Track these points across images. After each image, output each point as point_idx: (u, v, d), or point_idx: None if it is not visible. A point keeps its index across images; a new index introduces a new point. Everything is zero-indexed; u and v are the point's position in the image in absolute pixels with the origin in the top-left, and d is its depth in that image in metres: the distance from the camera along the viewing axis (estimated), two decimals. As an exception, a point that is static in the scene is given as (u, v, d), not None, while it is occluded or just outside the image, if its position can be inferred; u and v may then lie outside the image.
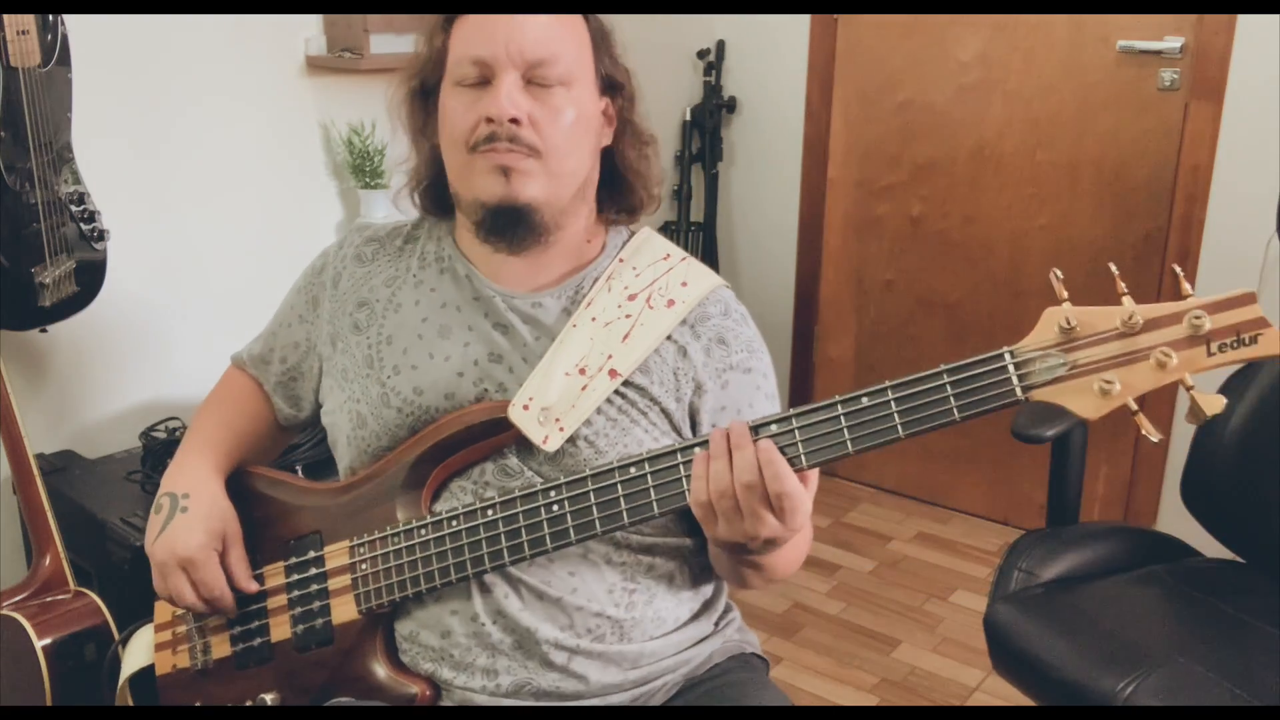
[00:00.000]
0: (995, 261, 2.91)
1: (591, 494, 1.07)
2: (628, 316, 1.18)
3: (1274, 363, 1.79)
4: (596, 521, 1.07)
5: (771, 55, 3.16)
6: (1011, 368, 0.94)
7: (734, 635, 1.29)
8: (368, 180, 2.52)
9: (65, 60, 1.80)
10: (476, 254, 1.22)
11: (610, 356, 1.15)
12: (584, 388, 1.14)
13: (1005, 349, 0.95)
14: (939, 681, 2.37)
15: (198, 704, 1.22)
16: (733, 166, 3.31)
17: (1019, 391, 0.94)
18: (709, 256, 3.25)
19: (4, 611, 1.68)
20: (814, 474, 1.02)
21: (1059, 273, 0.97)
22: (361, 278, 1.27)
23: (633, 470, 1.05)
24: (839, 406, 1.00)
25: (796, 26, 3.08)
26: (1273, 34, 2.39)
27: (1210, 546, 1.86)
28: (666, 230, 3.21)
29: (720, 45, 3.21)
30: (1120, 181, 2.68)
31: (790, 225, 3.24)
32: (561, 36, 1.14)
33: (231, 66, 2.32)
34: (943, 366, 0.98)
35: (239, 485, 1.27)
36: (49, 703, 1.64)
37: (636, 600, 1.18)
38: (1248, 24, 2.42)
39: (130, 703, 1.29)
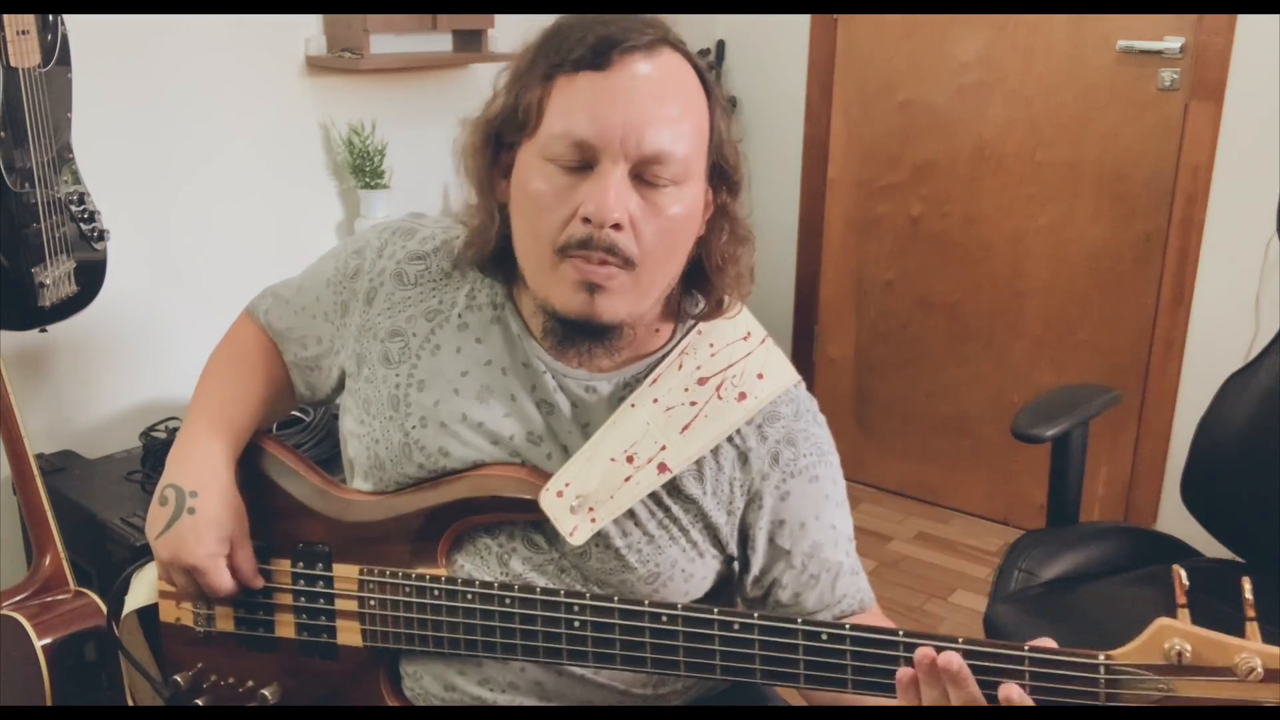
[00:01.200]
0: (995, 261, 2.90)
1: (617, 627, 0.99)
2: (693, 404, 1.06)
3: (1274, 362, 1.79)
4: (618, 658, 0.99)
5: (771, 55, 3.16)
6: (1104, 681, 0.86)
7: None
8: (368, 180, 2.52)
9: (65, 60, 1.80)
10: (534, 316, 1.07)
11: (664, 448, 1.04)
12: (628, 478, 1.03)
13: (1102, 656, 0.86)
14: None
15: (199, 664, 1.18)
16: (733, 166, 3.31)
17: (1102, 698, 0.86)
18: (709, 256, 3.24)
19: (4, 611, 1.68)
20: None
21: (1184, 575, 0.86)
22: (400, 302, 1.13)
23: (664, 620, 0.97)
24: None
25: (796, 26, 3.08)
26: (1273, 34, 2.38)
27: (1210, 546, 1.86)
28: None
29: (720, 45, 3.21)
30: (1120, 181, 2.68)
31: (790, 225, 3.24)
32: (685, 129, 0.98)
33: (232, 66, 2.32)
34: (1027, 651, 0.87)
35: (251, 464, 1.20)
36: (49, 703, 1.63)
37: (666, 679, 1.12)
38: (1248, 24, 2.42)
39: (140, 636, 1.23)
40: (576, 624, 1.00)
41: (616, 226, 0.96)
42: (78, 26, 1.84)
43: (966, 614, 2.60)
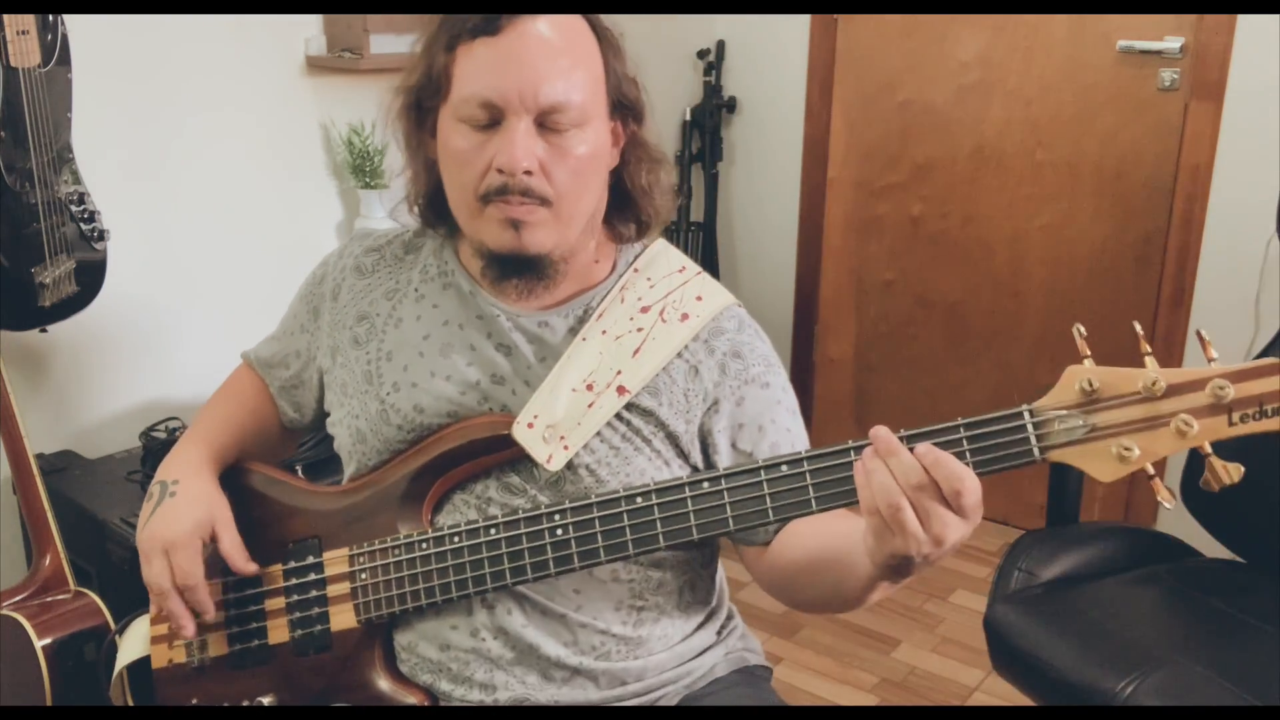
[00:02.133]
0: (995, 261, 2.91)
1: (597, 521, 1.05)
2: (639, 330, 1.15)
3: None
4: (601, 550, 1.05)
5: (771, 55, 3.16)
6: (1030, 427, 0.92)
7: (736, 644, 1.27)
8: (368, 180, 2.52)
9: (65, 60, 1.80)
10: (474, 262, 1.18)
11: (619, 372, 1.12)
12: (590, 404, 1.11)
13: (1024, 406, 0.93)
14: (939, 681, 2.37)
15: (194, 701, 1.20)
16: (733, 166, 3.31)
17: (1036, 452, 0.92)
18: (709, 256, 3.25)
19: (4, 611, 1.68)
20: None
21: (1082, 329, 0.95)
22: (361, 290, 1.24)
23: (639, 500, 1.03)
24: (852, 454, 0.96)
25: (796, 26, 3.08)
26: (1273, 34, 2.39)
27: (1210, 546, 1.86)
28: (666, 231, 3.20)
29: (720, 45, 3.21)
30: (1120, 181, 2.68)
31: (790, 225, 3.24)
32: (578, 77, 1.07)
33: (232, 66, 2.32)
34: (960, 420, 0.95)
35: (238, 483, 1.25)
36: (49, 703, 1.63)
37: (645, 618, 1.17)
38: (1248, 24, 2.42)
39: (127, 693, 1.27)
40: (559, 531, 1.06)
41: (527, 173, 1.06)
42: (78, 26, 1.84)
43: (966, 614, 2.60)
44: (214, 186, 2.34)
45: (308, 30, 2.45)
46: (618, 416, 1.12)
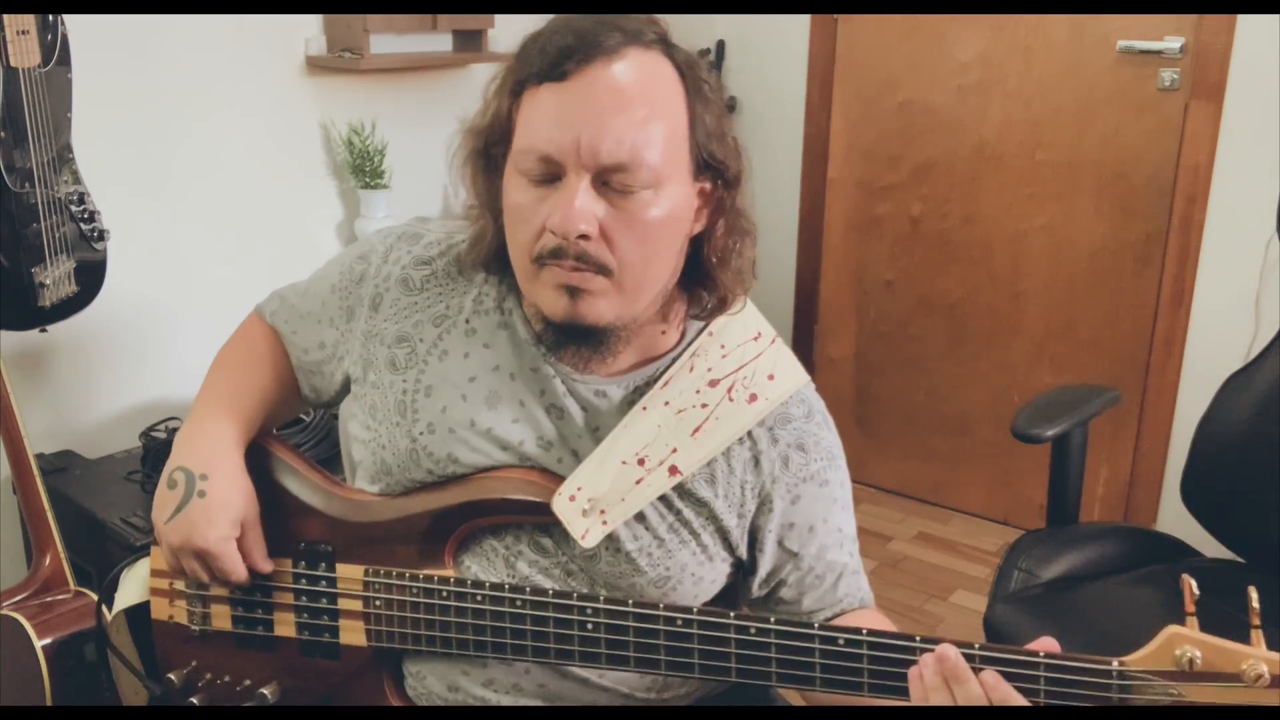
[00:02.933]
0: (995, 261, 2.90)
1: (631, 630, 0.99)
2: (704, 406, 1.06)
3: (1274, 362, 1.79)
4: (632, 660, 0.99)
5: (771, 55, 3.16)
6: (1115, 688, 0.88)
7: None
8: (368, 180, 2.52)
9: (65, 60, 1.80)
10: (535, 319, 1.07)
11: (674, 451, 1.04)
12: (639, 480, 1.03)
13: (1115, 663, 0.88)
14: None
15: (193, 663, 1.18)
16: (733, 166, 3.31)
17: (1115, 704, 0.88)
18: (709, 256, 3.24)
19: (4, 611, 1.68)
20: None
21: (1194, 585, 0.88)
22: (406, 308, 1.12)
23: (679, 624, 0.97)
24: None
25: (796, 26, 3.08)
26: (1273, 34, 2.38)
27: (1210, 546, 1.86)
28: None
29: (720, 45, 3.21)
30: (1120, 181, 2.68)
31: (790, 225, 3.24)
32: (653, 132, 0.95)
33: (232, 66, 2.32)
34: (1042, 657, 0.90)
35: (255, 462, 1.18)
36: (49, 703, 1.63)
37: (670, 683, 1.12)
38: (1248, 24, 2.42)
39: (127, 635, 1.23)
40: (590, 625, 1.00)
41: (584, 237, 0.95)
42: (78, 26, 1.84)
43: (966, 614, 2.60)
44: (214, 186, 2.34)
45: (308, 30, 2.45)
46: (667, 504, 1.05)
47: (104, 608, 1.25)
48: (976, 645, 0.90)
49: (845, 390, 3.23)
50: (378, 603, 1.09)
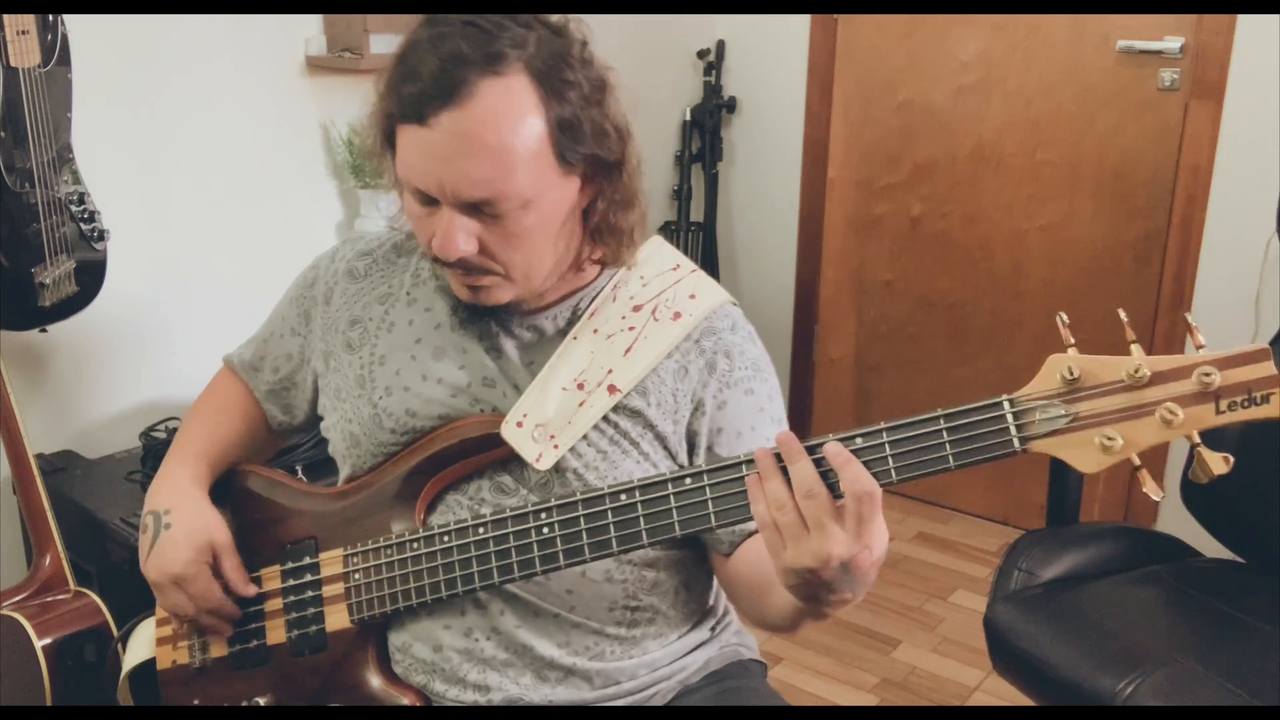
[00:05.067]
0: (995, 261, 2.91)
1: (582, 519, 1.04)
2: (631, 329, 1.14)
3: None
4: (585, 547, 1.04)
5: (771, 55, 3.16)
6: (1010, 417, 0.90)
7: (731, 639, 1.27)
8: (368, 180, 2.51)
9: (65, 60, 1.80)
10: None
11: (610, 371, 1.12)
12: (581, 403, 1.11)
13: (1004, 397, 0.91)
14: (939, 681, 2.37)
15: (196, 702, 1.21)
16: (733, 166, 3.31)
17: (1016, 443, 0.90)
18: (709, 256, 3.25)
19: (4, 611, 1.68)
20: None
21: (1064, 317, 0.91)
22: (354, 294, 1.23)
23: (623, 498, 1.02)
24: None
25: (796, 26, 3.08)
26: (1273, 34, 2.38)
27: (1210, 546, 1.86)
28: (666, 230, 3.21)
29: (720, 45, 3.21)
30: (1120, 181, 2.68)
31: (790, 225, 3.24)
32: (507, 164, 1.01)
33: (231, 66, 2.32)
34: (939, 411, 0.92)
35: (236, 486, 1.26)
36: (49, 703, 1.64)
37: (639, 618, 1.16)
38: (1248, 24, 2.42)
39: (130, 697, 1.28)
40: (545, 530, 1.06)
41: (463, 258, 1.05)
42: (78, 26, 1.84)
43: (967, 614, 2.60)
44: (214, 186, 2.34)
45: (308, 30, 2.45)
46: (606, 419, 1.12)
47: (113, 673, 1.31)
48: (882, 422, 0.94)
49: (845, 390, 3.23)
50: (357, 576, 1.15)
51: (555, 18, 1.07)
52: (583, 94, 1.05)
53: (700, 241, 3.26)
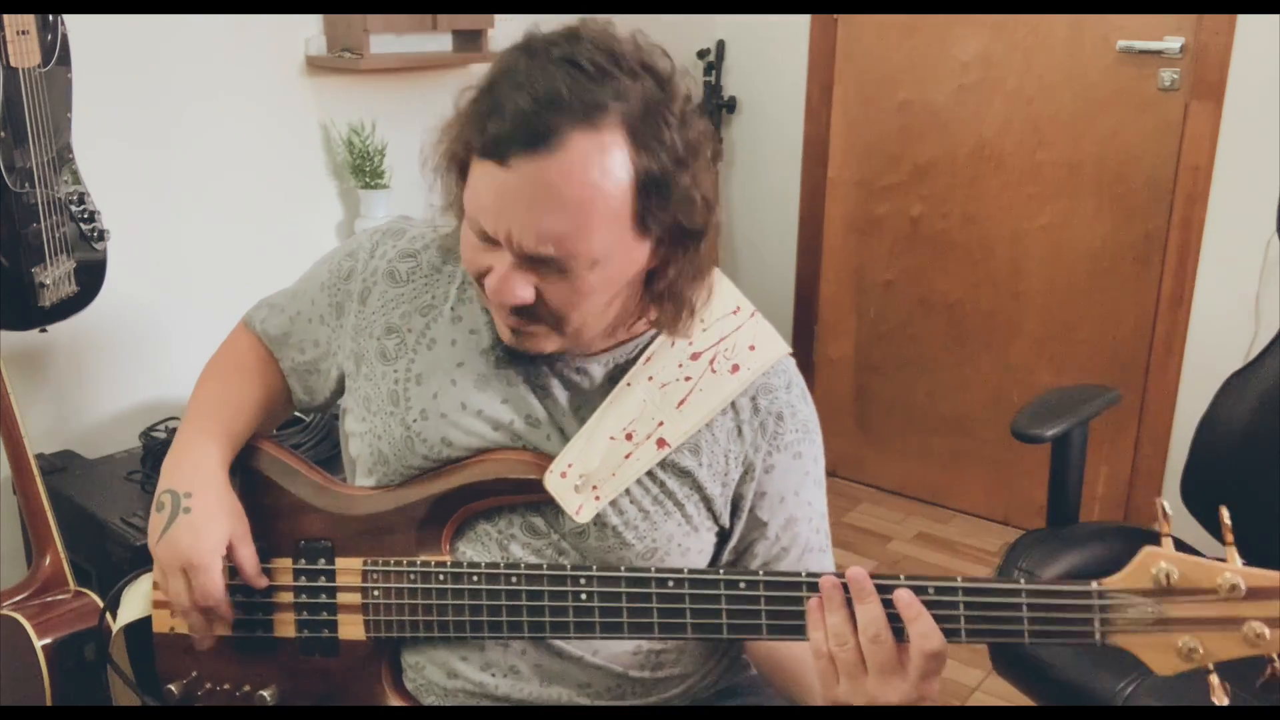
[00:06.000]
0: (995, 261, 2.91)
1: (624, 595, 1.00)
2: (687, 379, 1.08)
3: (1274, 362, 1.79)
4: (625, 625, 1.01)
5: (771, 55, 3.16)
6: (1097, 609, 0.88)
7: (737, 650, 1.25)
8: (368, 180, 2.52)
9: (65, 60, 1.80)
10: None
11: (661, 424, 1.06)
12: (628, 455, 1.06)
13: (1095, 586, 0.89)
14: (939, 681, 2.37)
15: (194, 673, 1.18)
16: (733, 166, 3.31)
17: (1098, 636, 0.88)
18: (709, 256, 3.24)
19: (4, 611, 1.68)
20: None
21: (1166, 506, 0.89)
22: (393, 300, 1.16)
23: (670, 585, 0.99)
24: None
25: (796, 26, 3.08)
26: (1273, 34, 2.38)
27: (1211, 547, 1.85)
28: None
29: (720, 45, 3.21)
30: (1120, 181, 2.68)
31: (790, 225, 3.24)
32: (584, 224, 0.94)
33: (231, 66, 2.32)
34: (1023, 585, 0.89)
35: (250, 464, 1.21)
36: (49, 703, 1.63)
37: (664, 660, 1.14)
38: (1248, 24, 2.42)
39: (124, 652, 1.23)
40: (584, 595, 1.01)
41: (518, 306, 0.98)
42: (78, 26, 1.84)
43: (966, 614, 2.59)
44: (214, 186, 2.34)
45: (308, 30, 2.45)
46: (651, 476, 1.07)
47: (109, 615, 1.26)
48: (959, 579, 0.90)
49: (845, 390, 3.23)
50: (376, 593, 1.10)
51: (665, 65, 0.99)
52: (676, 156, 0.97)
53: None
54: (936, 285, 3.02)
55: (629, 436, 1.06)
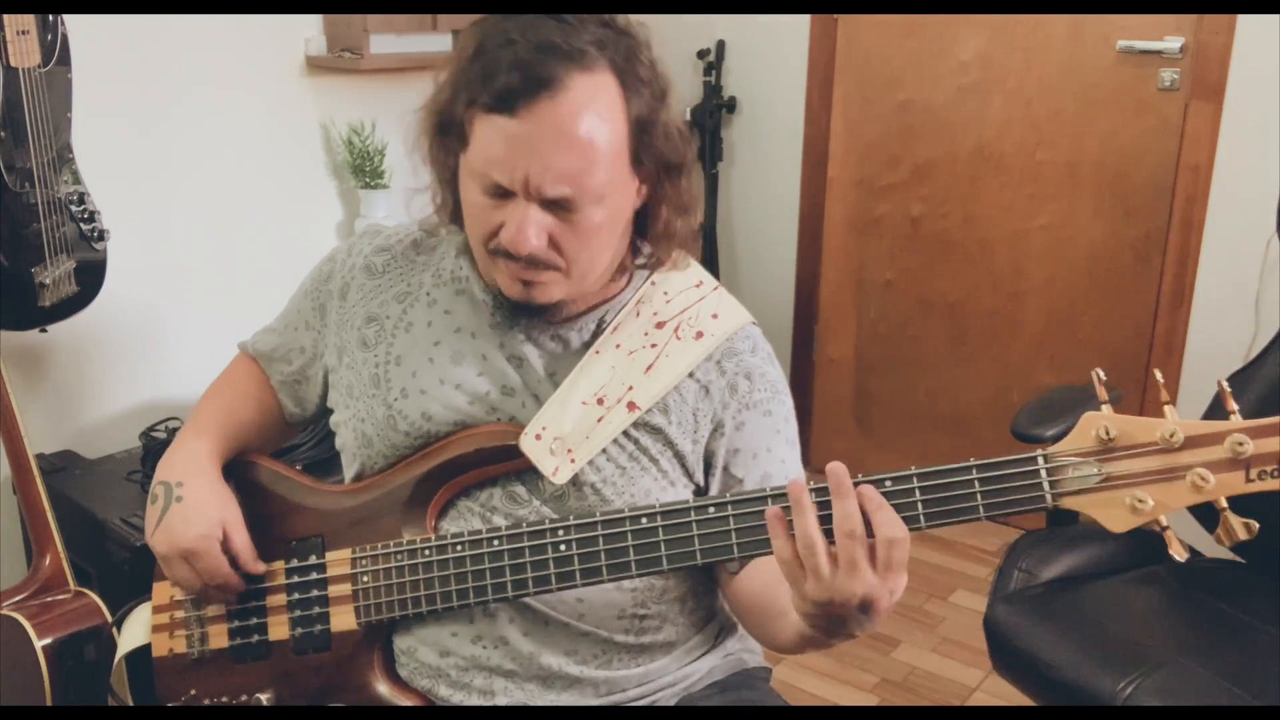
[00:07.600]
0: (995, 261, 2.90)
1: (601, 539, 1.04)
2: (653, 346, 1.13)
3: (1274, 362, 1.79)
4: (604, 568, 1.04)
5: (771, 55, 3.16)
6: (1044, 472, 0.92)
7: (735, 646, 1.26)
8: (368, 180, 2.52)
9: (65, 60, 1.80)
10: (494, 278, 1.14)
11: (630, 388, 1.11)
12: (600, 419, 1.10)
13: (1039, 452, 0.92)
14: (939, 681, 2.37)
15: (192, 692, 1.20)
16: (733, 166, 3.31)
17: (1049, 498, 0.91)
18: (709, 257, 3.25)
19: (4, 611, 1.68)
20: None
21: (1101, 374, 0.92)
22: (371, 291, 1.22)
23: (644, 521, 1.02)
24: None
25: (796, 26, 3.08)
26: (1273, 34, 2.38)
27: (1210, 546, 1.85)
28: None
29: (720, 45, 3.21)
30: (1120, 181, 2.68)
31: (790, 225, 3.24)
32: (591, 160, 1.01)
33: (232, 66, 2.32)
34: (972, 461, 0.94)
35: (242, 476, 1.25)
36: (49, 703, 1.63)
37: (648, 625, 1.16)
38: (1248, 24, 2.42)
39: (125, 680, 1.26)
40: (562, 547, 1.05)
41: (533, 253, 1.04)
42: (78, 26, 1.84)
43: (966, 614, 2.60)
44: (214, 186, 2.34)
45: (308, 30, 2.45)
46: (626, 434, 1.12)
47: (114, 630, 1.28)
48: (913, 467, 0.94)
49: (845, 390, 3.23)
50: (365, 578, 1.14)
51: (619, 18, 1.07)
52: (654, 94, 1.06)
53: (700, 242, 3.26)
54: (936, 285, 3.02)
55: (600, 401, 1.11)
